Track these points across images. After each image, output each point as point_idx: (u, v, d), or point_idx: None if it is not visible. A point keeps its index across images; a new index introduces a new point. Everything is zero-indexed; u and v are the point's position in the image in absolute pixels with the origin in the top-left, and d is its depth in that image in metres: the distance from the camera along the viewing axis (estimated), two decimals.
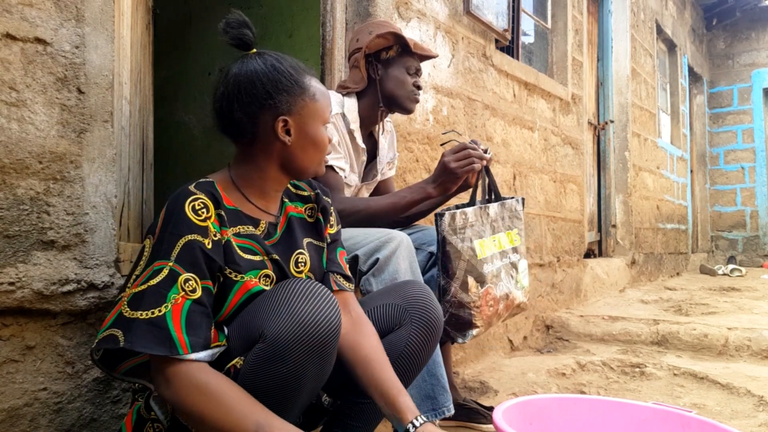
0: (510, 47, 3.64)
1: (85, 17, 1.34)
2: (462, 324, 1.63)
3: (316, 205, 1.31)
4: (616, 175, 5.33)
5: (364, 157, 1.90)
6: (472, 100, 3.00)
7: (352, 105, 1.83)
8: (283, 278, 1.17)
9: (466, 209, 1.69)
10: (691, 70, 7.67)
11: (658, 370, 2.63)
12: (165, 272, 1.01)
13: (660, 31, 6.42)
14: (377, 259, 1.57)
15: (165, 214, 1.06)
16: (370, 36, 1.81)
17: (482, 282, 1.66)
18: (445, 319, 1.60)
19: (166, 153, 3.22)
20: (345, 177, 1.78)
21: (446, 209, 1.67)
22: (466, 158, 1.66)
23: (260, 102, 1.14)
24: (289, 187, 1.30)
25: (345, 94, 1.85)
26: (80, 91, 1.33)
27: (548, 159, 3.83)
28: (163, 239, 1.03)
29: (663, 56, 6.91)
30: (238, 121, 1.15)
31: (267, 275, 1.14)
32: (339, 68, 2.30)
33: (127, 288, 1.04)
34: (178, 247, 1.02)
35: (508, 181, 3.34)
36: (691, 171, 7.92)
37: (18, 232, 1.22)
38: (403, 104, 1.86)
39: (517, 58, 3.71)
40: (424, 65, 2.65)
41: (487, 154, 1.69)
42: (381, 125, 1.93)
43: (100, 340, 1.00)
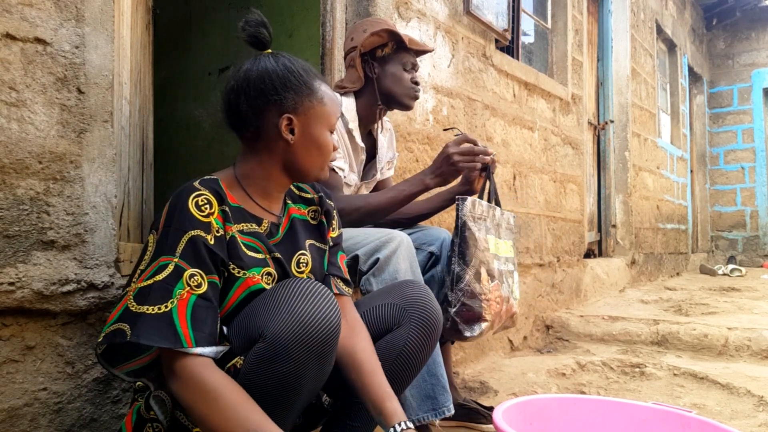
0: (510, 47, 3.64)
1: (85, 17, 1.34)
2: (472, 316, 1.60)
3: (319, 208, 1.32)
4: (616, 175, 5.33)
5: (363, 156, 1.90)
6: (472, 100, 3.00)
7: (350, 104, 1.83)
8: (285, 277, 1.17)
9: (481, 201, 1.68)
10: (691, 70, 7.67)
11: (658, 370, 2.63)
12: (170, 268, 1.01)
13: (660, 31, 6.42)
14: (377, 259, 1.57)
15: (168, 210, 1.07)
16: (364, 34, 1.81)
17: (492, 277, 1.65)
18: (455, 309, 1.58)
19: (166, 153, 3.22)
20: (344, 177, 1.78)
21: (461, 199, 1.64)
22: (469, 153, 1.67)
23: (267, 97, 1.15)
24: (293, 188, 1.31)
25: (343, 93, 1.85)
26: (80, 91, 1.33)
27: (548, 159, 3.83)
28: (168, 234, 1.04)
29: (663, 56, 6.91)
30: (244, 114, 1.16)
31: (269, 273, 1.14)
32: (339, 68, 2.30)
33: (132, 282, 1.04)
34: (182, 242, 1.03)
35: (508, 181, 3.34)
36: (691, 171, 7.92)
37: (18, 232, 1.22)
38: (402, 101, 1.86)
39: (517, 58, 3.71)
40: (424, 65, 2.65)
41: (489, 156, 1.70)
42: (380, 124, 1.93)
43: (107, 334, 1.01)
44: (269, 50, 1.20)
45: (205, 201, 1.08)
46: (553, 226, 3.86)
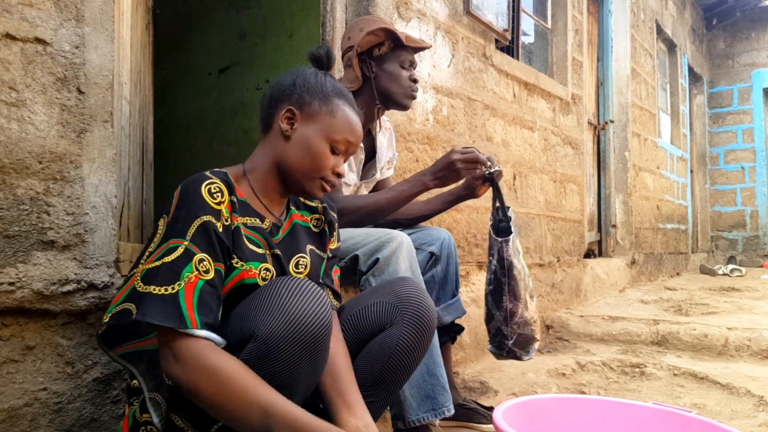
0: (510, 47, 3.64)
1: (85, 17, 1.34)
2: (526, 341, 1.69)
3: (323, 217, 1.33)
4: (616, 175, 5.33)
5: (362, 156, 1.90)
6: (472, 100, 3.00)
7: None
8: (282, 275, 1.17)
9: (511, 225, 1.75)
10: (691, 70, 7.67)
11: (658, 370, 2.63)
12: (180, 250, 1.01)
13: (660, 31, 6.42)
14: (377, 259, 1.57)
15: (180, 195, 1.07)
16: (361, 33, 1.80)
17: (532, 295, 1.72)
18: (512, 341, 1.67)
19: (166, 153, 3.22)
20: (344, 177, 1.78)
21: (504, 240, 1.67)
22: (472, 161, 1.72)
23: (283, 91, 1.21)
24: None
25: None
26: (80, 91, 1.33)
27: (548, 159, 3.83)
28: (179, 218, 1.04)
29: (663, 56, 6.91)
30: (264, 107, 1.23)
31: (267, 269, 1.15)
32: (339, 68, 2.30)
33: (141, 264, 1.04)
34: (193, 227, 1.03)
35: (508, 181, 3.34)
36: (691, 171, 7.92)
37: (18, 232, 1.22)
38: (399, 101, 1.85)
39: (517, 58, 3.71)
40: (425, 65, 2.65)
41: (494, 168, 1.74)
42: (378, 123, 1.93)
43: (113, 314, 1.01)
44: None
45: (218, 189, 1.08)
46: (553, 226, 3.86)
